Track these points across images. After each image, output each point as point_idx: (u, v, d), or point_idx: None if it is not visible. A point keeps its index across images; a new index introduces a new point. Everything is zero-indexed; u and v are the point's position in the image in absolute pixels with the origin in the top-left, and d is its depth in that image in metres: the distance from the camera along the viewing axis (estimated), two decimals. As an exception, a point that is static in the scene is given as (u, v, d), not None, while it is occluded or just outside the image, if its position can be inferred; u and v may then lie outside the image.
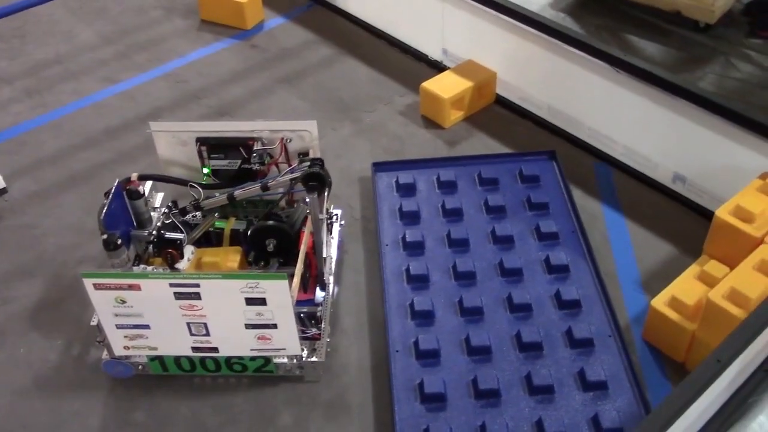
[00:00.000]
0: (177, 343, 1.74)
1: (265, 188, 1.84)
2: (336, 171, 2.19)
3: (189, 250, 1.85)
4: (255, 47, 2.93)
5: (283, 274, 1.62)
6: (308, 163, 1.82)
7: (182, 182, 1.93)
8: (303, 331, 1.79)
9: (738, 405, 1.70)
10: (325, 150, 2.36)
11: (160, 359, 1.78)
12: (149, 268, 1.84)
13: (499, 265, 1.99)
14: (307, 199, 1.78)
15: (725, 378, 1.47)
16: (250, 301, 1.65)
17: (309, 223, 1.85)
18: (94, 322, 1.72)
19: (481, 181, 2.23)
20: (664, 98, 2.11)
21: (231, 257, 1.85)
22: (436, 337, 1.83)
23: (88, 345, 1.89)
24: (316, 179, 1.78)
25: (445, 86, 2.48)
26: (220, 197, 1.88)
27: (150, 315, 1.68)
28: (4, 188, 2.33)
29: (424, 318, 1.88)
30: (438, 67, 2.72)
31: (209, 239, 1.93)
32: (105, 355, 1.78)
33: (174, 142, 1.95)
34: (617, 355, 1.78)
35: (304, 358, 1.78)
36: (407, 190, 2.20)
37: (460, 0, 2.51)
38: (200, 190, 1.89)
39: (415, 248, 2.05)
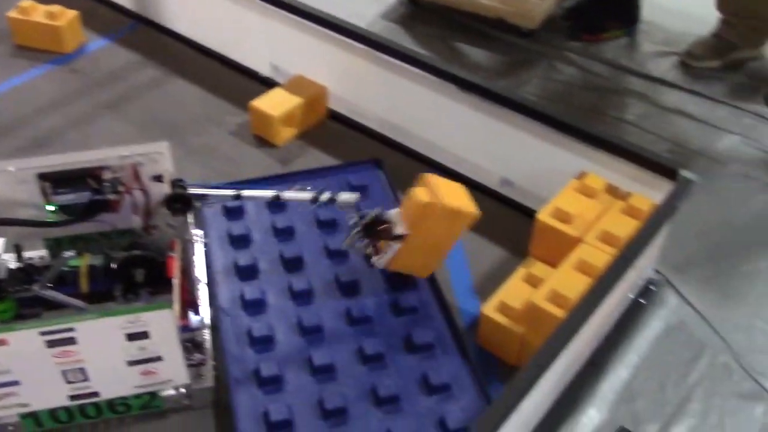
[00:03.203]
0: (52, 395, 1.61)
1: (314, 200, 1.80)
2: (165, 198, 2.11)
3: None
4: (75, 72, 2.79)
5: (165, 303, 1.55)
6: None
7: (33, 223, 1.78)
8: (187, 359, 1.71)
9: (569, 400, 1.76)
10: (153, 177, 2.28)
11: (33, 415, 1.64)
12: None
13: (336, 280, 1.98)
14: (173, 222, 1.70)
15: (549, 378, 1.51)
16: (131, 337, 1.56)
17: (177, 247, 1.77)
18: None
19: None
20: (485, 106, 2.16)
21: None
22: (278, 362, 1.78)
23: None
24: (181, 200, 1.70)
25: (274, 103, 2.45)
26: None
27: (19, 370, 1.54)
28: None
29: (263, 344, 1.84)
30: (270, 84, 2.68)
31: (64, 279, 1.78)
32: None
33: (12, 181, 1.79)
34: (457, 355, 1.81)
35: (191, 387, 1.71)
36: (235, 213, 2.15)
37: (285, 16, 2.48)
38: None
39: (248, 272, 2.00)
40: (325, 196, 1.81)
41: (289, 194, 1.82)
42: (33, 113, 2.58)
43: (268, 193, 1.81)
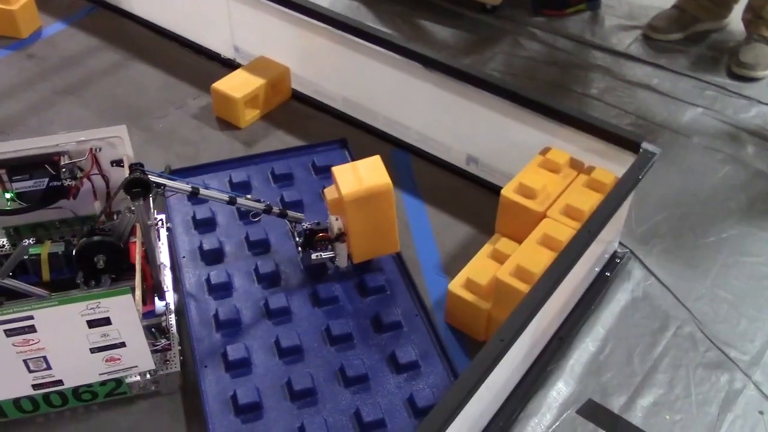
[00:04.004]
0: (14, 385, 1.58)
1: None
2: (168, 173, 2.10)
3: None
4: (32, 57, 2.73)
5: (125, 288, 1.52)
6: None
7: None
8: (153, 344, 1.70)
9: (538, 375, 1.78)
10: (114, 162, 2.24)
11: None
12: None
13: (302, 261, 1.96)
14: (133, 207, 1.67)
15: (515, 353, 1.52)
16: (92, 324, 1.53)
17: (138, 233, 1.74)
18: None
19: (275, 177, 2.20)
20: (450, 84, 2.14)
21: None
22: (245, 344, 1.77)
23: None
24: (140, 185, 1.66)
25: (236, 85, 2.41)
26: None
27: None
28: None
29: (230, 327, 1.82)
30: (231, 66, 2.65)
31: (25, 268, 1.78)
32: None
33: None
34: (425, 333, 1.82)
35: (157, 372, 1.69)
36: (199, 197, 2.12)
37: (245, -4, 2.46)
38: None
39: (213, 256, 1.98)
40: (276, 210, 1.87)
41: (243, 201, 1.83)
42: (-11, 101, 2.53)
43: (224, 196, 1.82)
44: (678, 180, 2.29)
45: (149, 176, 1.67)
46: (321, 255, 1.88)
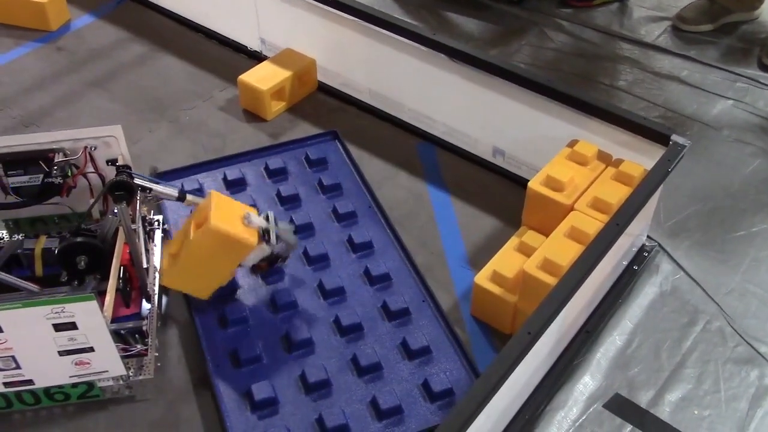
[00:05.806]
0: None
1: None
2: (154, 176, 2.09)
3: None
4: (61, 50, 2.75)
5: (89, 294, 1.50)
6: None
7: None
8: (126, 349, 1.69)
9: (564, 368, 1.77)
10: (141, 154, 2.27)
11: None
12: None
13: (304, 254, 1.97)
14: (116, 210, 1.68)
15: (542, 346, 1.51)
16: (59, 327, 1.52)
17: (120, 235, 1.74)
18: None
19: (270, 173, 2.20)
20: (476, 75, 2.13)
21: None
22: (255, 341, 1.78)
23: None
24: (122, 188, 1.67)
25: (263, 77, 2.42)
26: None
27: None
28: None
29: (239, 325, 1.82)
30: (258, 58, 2.66)
31: (19, 262, 1.79)
32: None
33: None
34: (434, 318, 1.83)
35: (131, 378, 1.68)
36: (193, 195, 2.09)
37: (272, -13, 2.46)
38: None
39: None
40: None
41: None
42: (19, 92, 2.55)
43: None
44: (707, 173, 2.26)
45: (135, 180, 1.67)
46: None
